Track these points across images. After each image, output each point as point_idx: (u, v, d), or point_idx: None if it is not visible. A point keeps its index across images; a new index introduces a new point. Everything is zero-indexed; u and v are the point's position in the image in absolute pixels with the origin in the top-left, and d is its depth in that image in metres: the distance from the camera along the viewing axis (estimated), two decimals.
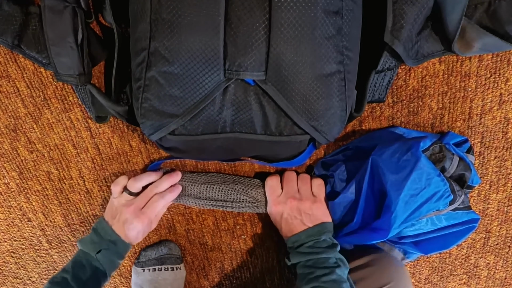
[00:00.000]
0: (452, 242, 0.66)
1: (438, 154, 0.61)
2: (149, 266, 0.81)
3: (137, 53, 0.53)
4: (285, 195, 0.69)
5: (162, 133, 0.56)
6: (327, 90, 0.53)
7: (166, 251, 0.81)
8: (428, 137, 0.61)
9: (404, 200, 0.58)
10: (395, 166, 0.60)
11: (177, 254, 0.83)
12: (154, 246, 0.82)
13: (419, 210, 0.59)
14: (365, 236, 0.64)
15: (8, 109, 0.70)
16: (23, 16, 0.59)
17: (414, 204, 0.59)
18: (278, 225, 0.71)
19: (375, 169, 0.62)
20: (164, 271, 0.80)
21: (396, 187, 0.59)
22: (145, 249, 0.83)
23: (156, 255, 0.81)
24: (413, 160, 0.58)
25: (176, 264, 0.81)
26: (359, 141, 0.70)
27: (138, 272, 0.82)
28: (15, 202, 0.80)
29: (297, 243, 0.66)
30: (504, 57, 0.65)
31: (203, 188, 0.73)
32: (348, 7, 0.51)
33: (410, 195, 0.58)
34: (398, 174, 0.59)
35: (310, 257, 0.64)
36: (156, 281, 0.79)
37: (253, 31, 0.49)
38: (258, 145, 0.58)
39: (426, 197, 0.58)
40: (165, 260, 0.80)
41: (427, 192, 0.58)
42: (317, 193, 0.69)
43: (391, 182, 0.59)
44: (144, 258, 0.82)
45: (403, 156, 0.59)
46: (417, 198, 0.58)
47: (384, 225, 0.60)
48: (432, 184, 0.58)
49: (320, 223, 0.67)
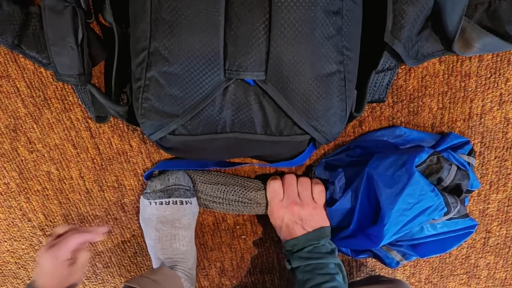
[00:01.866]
0: (449, 246, 0.66)
1: (435, 165, 0.61)
2: (155, 198, 0.72)
3: (137, 53, 0.53)
4: (286, 200, 0.69)
5: (162, 133, 0.56)
6: (327, 90, 0.53)
7: (173, 181, 0.72)
8: (424, 150, 0.61)
9: (396, 214, 0.59)
10: (390, 180, 0.61)
11: (186, 185, 0.72)
12: (160, 175, 0.74)
13: (411, 223, 0.60)
14: (359, 241, 0.66)
15: (8, 109, 0.70)
16: (23, 16, 0.59)
17: (406, 217, 0.60)
18: (278, 228, 0.71)
19: (370, 181, 0.63)
20: (172, 204, 0.71)
21: (390, 201, 0.60)
22: (150, 178, 0.75)
23: (161, 186, 0.72)
24: (406, 175, 0.59)
25: (186, 198, 0.72)
26: (361, 140, 0.71)
27: (145, 205, 0.74)
28: (15, 202, 0.80)
29: (296, 247, 0.67)
30: (504, 57, 0.65)
31: (202, 187, 0.73)
32: (348, 7, 0.51)
33: (403, 209, 0.59)
34: (392, 188, 0.60)
35: (310, 262, 0.64)
36: (163, 216, 0.72)
37: (253, 31, 0.49)
38: (258, 145, 0.58)
39: (418, 211, 0.59)
40: (172, 192, 0.71)
41: (420, 206, 0.59)
42: (318, 200, 0.69)
43: (385, 195, 0.60)
44: (150, 189, 0.73)
45: (397, 171, 0.60)
46: (410, 212, 0.59)
47: (377, 233, 0.62)
48: (425, 199, 0.59)
49: (319, 227, 0.67)
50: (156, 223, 0.73)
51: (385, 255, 0.70)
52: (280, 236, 0.71)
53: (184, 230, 0.73)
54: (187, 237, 0.74)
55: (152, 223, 0.74)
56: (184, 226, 0.73)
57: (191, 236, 0.75)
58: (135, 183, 0.77)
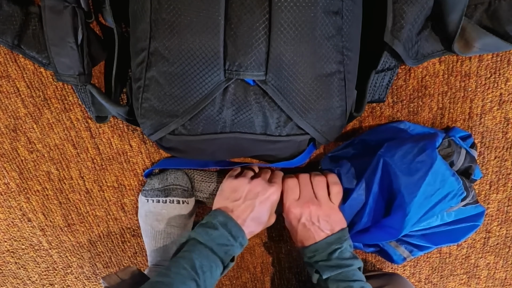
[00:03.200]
0: (461, 236, 0.65)
1: (447, 149, 0.60)
2: (152, 196, 0.73)
3: (137, 53, 0.53)
4: (302, 199, 0.66)
5: (162, 133, 0.56)
6: (327, 90, 0.53)
7: (172, 181, 0.73)
8: (439, 135, 0.60)
9: (419, 202, 0.58)
10: (408, 167, 0.59)
11: (184, 185, 0.73)
12: (160, 174, 0.74)
13: (433, 210, 0.58)
14: (375, 235, 0.63)
15: (8, 109, 0.70)
16: (23, 16, 0.59)
17: (427, 205, 0.58)
18: (294, 230, 0.67)
19: (385, 171, 0.61)
20: (169, 203, 0.72)
21: (411, 190, 0.58)
22: (150, 176, 0.75)
23: (160, 185, 0.73)
24: (428, 161, 0.57)
25: (183, 197, 0.73)
26: (365, 134, 0.70)
27: (143, 202, 0.75)
28: (15, 202, 0.80)
29: (318, 253, 0.63)
30: (504, 57, 0.65)
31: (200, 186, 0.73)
32: (348, 7, 0.51)
33: (424, 197, 0.58)
34: (413, 176, 0.58)
35: (341, 270, 0.61)
36: (159, 214, 0.72)
37: (253, 31, 0.49)
38: (258, 145, 0.58)
39: (439, 197, 0.58)
40: (170, 191, 0.72)
41: (441, 193, 0.57)
42: (335, 200, 0.66)
43: (405, 184, 0.58)
44: (148, 186, 0.74)
45: (417, 157, 0.58)
46: (431, 200, 0.58)
47: (396, 224, 0.59)
48: (446, 185, 0.57)
49: (340, 230, 0.64)
50: (152, 220, 0.73)
51: (393, 251, 0.68)
52: (296, 239, 0.67)
53: (180, 229, 0.73)
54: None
55: (148, 220, 0.74)
56: (180, 225, 0.73)
57: None
58: (135, 183, 0.77)
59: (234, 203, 0.63)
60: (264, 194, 0.63)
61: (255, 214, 0.62)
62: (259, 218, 0.63)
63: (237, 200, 0.63)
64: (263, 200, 0.63)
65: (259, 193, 0.63)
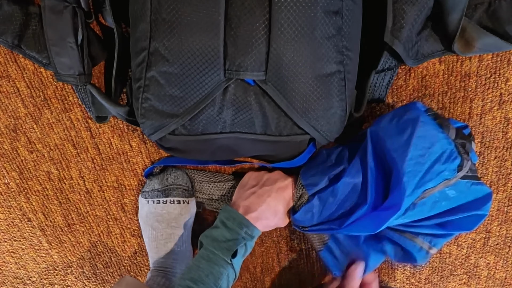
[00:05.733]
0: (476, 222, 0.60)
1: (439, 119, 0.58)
2: (152, 197, 0.73)
3: (137, 53, 0.53)
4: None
5: (162, 133, 0.56)
6: (327, 90, 0.53)
7: (172, 181, 0.72)
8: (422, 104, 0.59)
9: (412, 162, 0.54)
10: (395, 129, 0.57)
11: (185, 185, 0.73)
12: (159, 174, 0.74)
13: (430, 172, 0.55)
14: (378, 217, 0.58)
15: (8, 109, 0.71)
16: (23, 16, 0.59)
17: (422, 165, 0.54)
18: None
19: (375, 141, 0.59)
20: (169, 203, 0.72)
21: (401, 150, 0.55)
22: (149, 177, 0.75)
23: (160, 186, 0.72)
24: (413, 115, 0.56)
25: (183, 197, 0.73)
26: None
27: (143, 203, 0.75)
28: (15, 202, 0.80)
29: None
30: (504, 57, 0.65)
31: (200, 186, 0.73)
32: (348, 7, 0.51)
33: (417, 155, 0.54)
34: (401, 136, 0.55)
35: None
36: (159, 215, 0.72)
37: (253, 31, 0.49)
38: (258, 145, 0.58)
39: (434, 157, 0.55)
40: (170, 191, 0.72)
41: (434, 151, 0.54)
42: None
43: (394, 147, 0.56)
44: (148, 187, 0.74)
45: (402, 117, 0.57)
46: (425, 159, 0.54)
47: (397, 198, 0.55)
48: (437, 142, 0.55)
49: None
50: (153, 221, 0.73)
51: (411, 245, 0.63)
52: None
53: (180, 229, 0.73)
54: (183, 237, 0.74)
55: (149, 221, 0.74)
56: (180, 225, 0.73)
57: (187, 236, 0.75)
58: (135, 183, 0.77)
59: (251, 189, 0.65)
60: (283, 181, 0.65)
61: (272, 201, 0.63)
62: (275, 206, 0.64)
63: (255, 186, 0.65)
64: (282, 186, 0.64)
65: (278, 180, 0.65)
